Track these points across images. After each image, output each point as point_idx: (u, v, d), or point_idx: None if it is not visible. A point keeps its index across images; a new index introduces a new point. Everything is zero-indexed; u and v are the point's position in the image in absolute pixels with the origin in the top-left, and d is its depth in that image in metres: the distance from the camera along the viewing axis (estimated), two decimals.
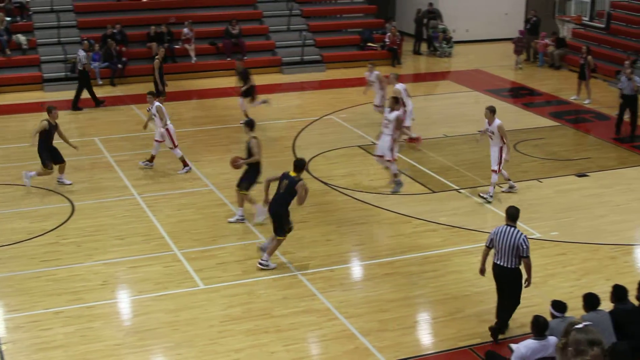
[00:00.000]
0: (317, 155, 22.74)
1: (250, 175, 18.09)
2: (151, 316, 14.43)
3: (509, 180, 20.26)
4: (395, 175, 20.10)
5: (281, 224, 16.04)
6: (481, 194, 19.92)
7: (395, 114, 19.95)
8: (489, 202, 19.60)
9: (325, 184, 20.65)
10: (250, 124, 18.28)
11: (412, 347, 13.67)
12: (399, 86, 23.34)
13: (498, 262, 13.49)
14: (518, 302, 13.69)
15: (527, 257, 13.33)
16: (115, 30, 31.52)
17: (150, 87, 28.65)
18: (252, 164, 18.02)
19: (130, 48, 32.03)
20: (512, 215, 13.60)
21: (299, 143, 23.90)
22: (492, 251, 13.66)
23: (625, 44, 33.63)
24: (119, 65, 30.88)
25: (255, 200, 18.25)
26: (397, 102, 20.29)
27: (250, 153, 17.86)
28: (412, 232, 18.06)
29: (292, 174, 15.95)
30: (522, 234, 13.35)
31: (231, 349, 13.41)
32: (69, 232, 17.86)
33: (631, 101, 25.36)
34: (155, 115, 21.09)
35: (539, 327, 11.43)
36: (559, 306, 12.17)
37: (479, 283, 15.66)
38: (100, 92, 29.28)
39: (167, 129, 21.07)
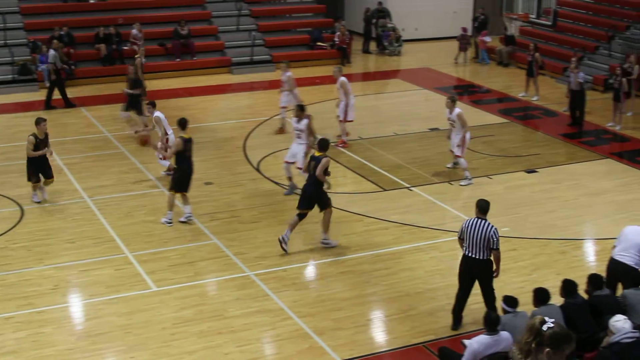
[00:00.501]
0: (267, 156, 22.72)
1: (175, 175, 18.32)
2: (103, 320, 14.33)
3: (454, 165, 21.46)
4: (289, 178, 19.94)
5: (321, 201, 16.92)
6: (461, 184, 20.72)
7: (305, 122, 19.63)
8: (470, 184, 20.67)
9: (277, 183, 20.64)
10: (181, 123, 18.40)
11: (366, 345, 13.71)
12: (344, 79, 23.48)
13: (469, 255, 13.61)
14: (493, 288, 13.87)
15: (497, 249, 13.55)
16: (62, 32, 31.23)
17: (99, 88, 28.61)
18: (178, 165, 18.22)
19: (78, 50, 31.73)
20: (483, 207, 13.80)
21: (250, 143, 23.87)
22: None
23: (572, 41, 34.01)
24: (72, 67, 30.56)
25: (173, 205, 18.33)
26: (302, 110, 19.76)
27: None
28: (363, 230, 18.11)
29: (318, 153, 16.81)
30: (492, 226, 13.54)
31: (184, 351, 13.35)
32: (18, 236, 17.67)
33: (577, 96, 25.74)
34: (154, 124, 20.64)
35: (491, 323, 11.53)
36: (511, 301, 12.28)
37: (431, 280, 15.78)
38: None
39: (166, 139, 20.32)
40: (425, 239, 17.67)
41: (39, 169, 19.13)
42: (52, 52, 27.87)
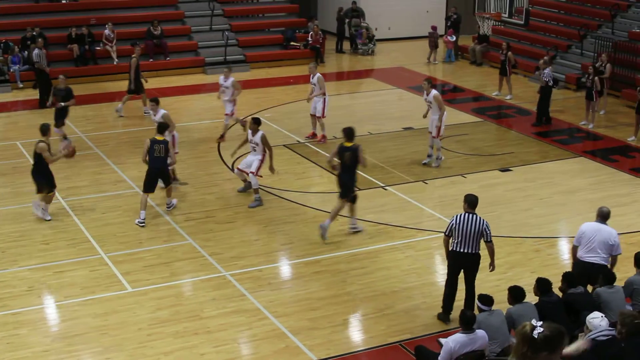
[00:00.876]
0: (242, 156, 22.64)
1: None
2: (79, 321, 14.27)
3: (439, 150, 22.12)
4: (256, 191, 19.54)
5: (347, 190, 17.47)
6: (434, 165, 21.80)
7: (260, 134, 19.27)
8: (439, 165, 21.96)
9: None
10: (160, 128, 18.63)
11: (342, 344, 13.73)
12: (321, 75, 23.95)
13: (461, 250, 13.75)
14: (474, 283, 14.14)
15: (491, 241, 13.77)
16: (34, 33, 31.04)
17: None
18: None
19: (50, 50, 31.52)
20: (472, 202, 13.96)
21: (224, 144, 23.80)
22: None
23: (545, 40, 34.19)
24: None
25: (146, 206, 18.44)
26: (258, 123, 19.33)
27: None
28: (339, 229, 18.11)
29: (348, 144, 17.44)
30: (484, 219, 13.75)
31: (160, 352, 13.33)
32: None
33: (542, 92, 26.06)
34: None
35: (467, 321, 11.57)
36: (486, 300, 12.34)
37: (407, 279, 15.82)
38: (21, 95, 28.96)
39: (172, 136, 20.07)
40: (401, 238, 17.72)
41: (50, 177, 18.40)
42: (37, 50, 27.75)
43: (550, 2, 36.38)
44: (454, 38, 36.11)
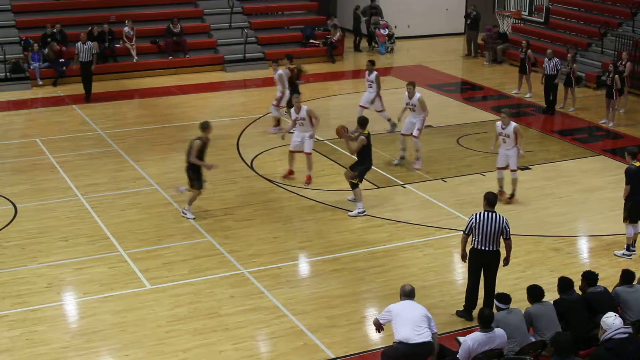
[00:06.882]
0: (261, 153, 22.72)
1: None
2: (98, 318, 14.33)
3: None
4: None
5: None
6: (415, 167, 21.64)
7: (513, 126, 19.51)
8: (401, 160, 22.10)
9: (270, 181, 20.64)
10: (203, 126, 18.46)
11: (360, 342, 13.74)
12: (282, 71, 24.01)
13: (482, 248, 13.87)
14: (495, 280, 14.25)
15: (510, 239, 13.95)
16: (55, 30, 31.12)
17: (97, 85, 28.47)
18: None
19: (70, 48, 31.58)
20: (492, 201, 14.08)
21: (243, 141, 23.85)
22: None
23: (565, 38, 34.03)
24: (63, 68, 30.35)
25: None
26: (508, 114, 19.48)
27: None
28: (358, 227, 18.12)
29: (366, 132, 18.72)
30: (504, 217, 13.91)
31: (179, 349, 13.36)
32: (11, 234, 17.63)
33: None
34: None
35: (485, 320, 11.56)
36: (504, 298, 12.32)
37: (425, 277, 15.80)
38: (40, 93, 29.05)
39: None
40: (419, 236, 17.70)
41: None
42: (80, 45, 27.76)
43: (571, 0, 36.21)
44: (387, 31, 36.49)
